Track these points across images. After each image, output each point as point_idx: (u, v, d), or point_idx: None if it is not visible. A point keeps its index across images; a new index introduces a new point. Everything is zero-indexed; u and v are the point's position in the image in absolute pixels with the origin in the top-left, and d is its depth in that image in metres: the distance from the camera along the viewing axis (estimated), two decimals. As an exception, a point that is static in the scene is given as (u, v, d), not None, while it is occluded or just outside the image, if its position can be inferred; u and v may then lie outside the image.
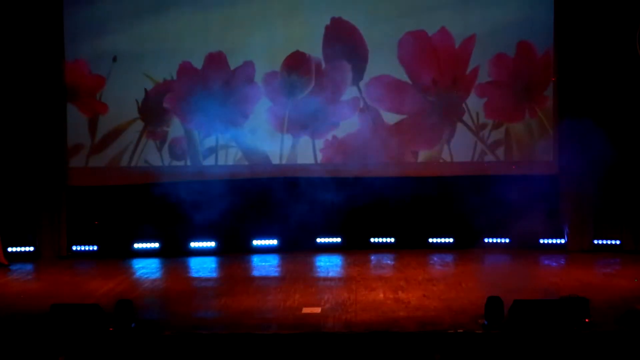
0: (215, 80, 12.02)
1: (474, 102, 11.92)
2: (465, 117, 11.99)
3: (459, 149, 13.92)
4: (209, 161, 13.79)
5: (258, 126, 13.05)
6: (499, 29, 11.22)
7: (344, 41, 11.75)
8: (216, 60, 11.84)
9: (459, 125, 13.25)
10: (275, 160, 13.76)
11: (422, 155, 13.75)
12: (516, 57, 11.80)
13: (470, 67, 11.48)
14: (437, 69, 11.51)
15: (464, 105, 11.82)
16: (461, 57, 11.44)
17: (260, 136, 13.34)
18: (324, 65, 12.19)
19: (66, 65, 13.41)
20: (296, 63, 11.88)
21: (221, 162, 13.65)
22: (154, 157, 13.97)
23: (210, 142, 13.59)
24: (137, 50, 12.62)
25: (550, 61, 11.63)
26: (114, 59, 12.33)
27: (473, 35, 11.35)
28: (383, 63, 12.23)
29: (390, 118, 12.59)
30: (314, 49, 12.05)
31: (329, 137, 13.38)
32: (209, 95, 12.32)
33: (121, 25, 12.57)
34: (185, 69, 12.12)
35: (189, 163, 13.89)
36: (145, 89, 12.93)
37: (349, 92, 12.75)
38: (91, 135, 13.58)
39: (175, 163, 13.89)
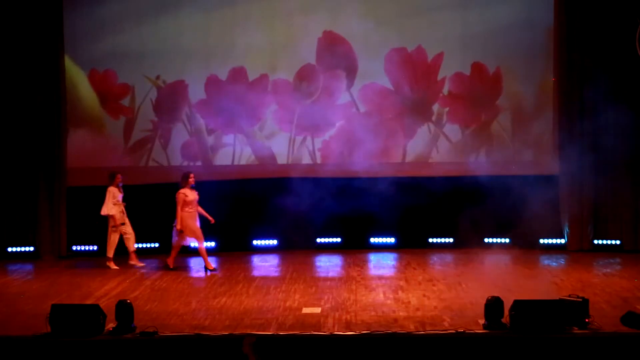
0: (237, 89, 13.55)
1: (440, 108, 13.73)
2: (435, 119, 13.78)
3: (457, 149, 14.12)
4: (224, 161, 14.18)
5: (269, 128, 14.01)
6: (456, 51, 13.26)
7: (336, 52, 13.42)
8: (238, 73, 13.47)
9: (454, 127, 13.98)
10: (282, 160, 14.17)
11: (419, 154, 14.09)
12: (471, 75, 13.52)
13: (439, 78, 13.42)
14: (414, 79, 13.31)
15: (432, 108, 13.61)
16: (432, 70, 13.36)
17: (270, 137, 14.09)
18: (322, 73, 13.63)
19: (96, 75, 14.10)
20: (307, 74, 13.47)
21: (230, 162, 14.19)
22: (161, 157, 14.19)
23: (226, 144, 14.19)
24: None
25: (499, 77, 13.47)
26: (157, 78, 13.87)
27: (442, 52, 13.23)
28: (371, 72, 13.69)
29: (376, 118, 13.84)
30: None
31: (328, 136, 14.08)
32: (231, 102, 13.68)
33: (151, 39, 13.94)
34: (212, 81, 13.61)
35: (199, 163, 14.22)
36: (158, 89, 14.04)
37: (343, 97, 13.90)
38: (125, 139, 14.23)
39: (186, 163, 14.13)
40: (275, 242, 14.47)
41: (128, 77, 14.08)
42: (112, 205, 12.81)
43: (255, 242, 14.49)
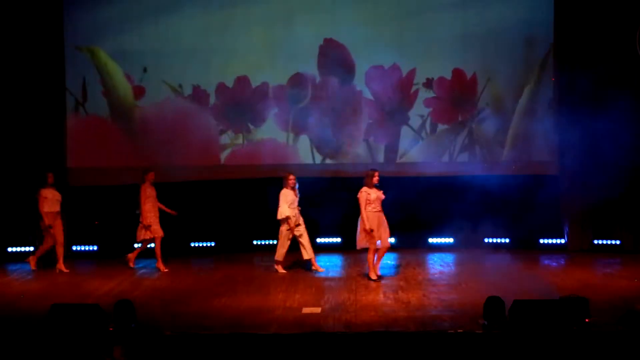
0: (243, 95, 14.40)
1: (421, 111, 14.48)
2: (412, 122, 14.55)
3: (456, 150, 14.35)
4: (228, 161, 14.48)
5: (270, 127, 14.54)
6: (439, 60, 14.32)
7: (335, 57, 14.35)
8: (242, 81, 14.36)
9: (446, 128, 14.45)
10: (283, 160, 14.41)
11: (417, 155, 14.39)
12: (452, 79, 14.34)
13: (413, 89, 14.42)
14: (391, 91, 14.33)
15: (408, 114, 14.44)
16: (407, 83, 14.35)
17: (272, 137, 14.54)
18: (318, 78, 14.41)
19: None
20: (297, 81, 14.39)
21: (236, 162, 14.51)
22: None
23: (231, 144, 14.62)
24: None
25: (475, 82, 14.30)
26: (145, 70, 14.33)
27: (414, 69, 14.24)
28: (361, 79, 14.52)
29: (362, 121, 14.59)
30: (311, 66, 14.41)
31: (326, 138, 14.48)
32: (238, 106, 14.45)
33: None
34: (221, 88, 14.38)
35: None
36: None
37: (338, 100, 14.49)
38: None
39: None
40: (275, 241, 14.45)
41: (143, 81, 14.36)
42: (287, 207, 12.34)
43: (255, 242, 14.51)
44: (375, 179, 11.88)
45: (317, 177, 14.17)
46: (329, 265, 13.15)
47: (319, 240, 14.46)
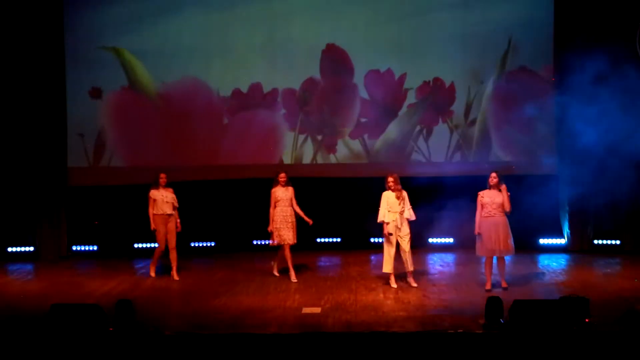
0: (255, 100, 14.74)
1: (411, 113, 14.77)
2: (406, 123, 14.84)
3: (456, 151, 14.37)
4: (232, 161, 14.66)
5: (278, 129, 14.73)
6: (422, 69, 14.71)
7: (337, 62, 14.79)
8: (255, 88, 14.67)
9: (449, 128, 14.57)
10: (286, 160, 14.53)
11: (417, 155, 14.53)
12: (433, 86, 14.66)
13: (402, 93, 14.78)
14: (385, 92, 14.71)
15: (399, 113, 14.73)
16: (398, 85, 14.72)
17: (277, 137, 14.70)
18: (322, 82, 14.69)
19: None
20: (309, 86, 14.75)
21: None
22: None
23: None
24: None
25: (453, 89, 14.65)
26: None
27: (405, 73, 14.64)
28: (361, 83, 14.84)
29: (361, 122, 14.81)
30: (316, 70, 14.76)
31: (329, 139, 14.65)
32: (250, 109, 14.74)
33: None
34: (236, 93, 14.64)
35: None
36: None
37: (340, 102, 14.77)
38: None
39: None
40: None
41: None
42: (387, 211, 11.46)
43: (255, 242, 14.50)
44: (491, 180, 10.90)
45: (317, 177, 14.18)
46: (328, 265, 13.16)
47: (319, 239, 14.46)
